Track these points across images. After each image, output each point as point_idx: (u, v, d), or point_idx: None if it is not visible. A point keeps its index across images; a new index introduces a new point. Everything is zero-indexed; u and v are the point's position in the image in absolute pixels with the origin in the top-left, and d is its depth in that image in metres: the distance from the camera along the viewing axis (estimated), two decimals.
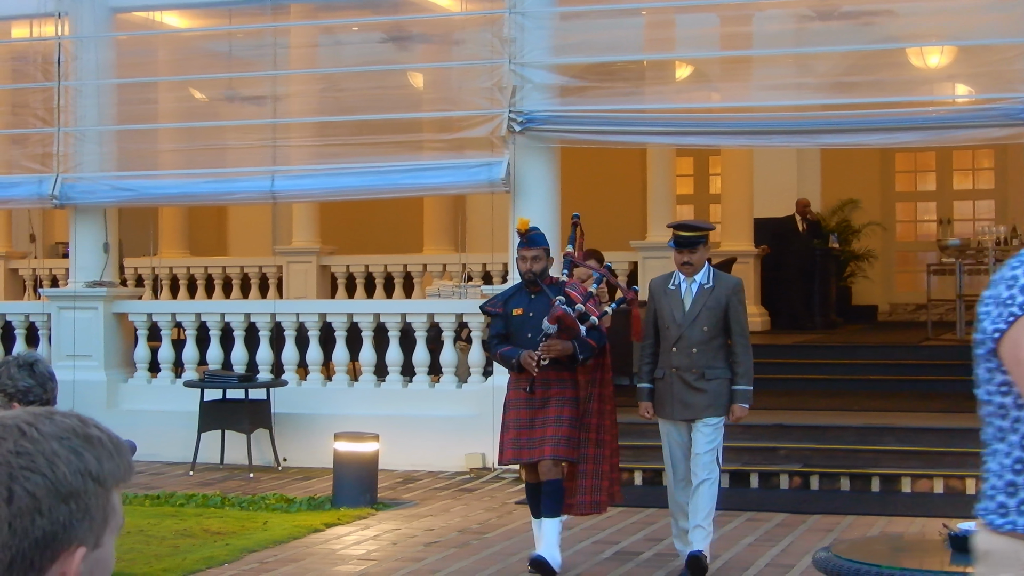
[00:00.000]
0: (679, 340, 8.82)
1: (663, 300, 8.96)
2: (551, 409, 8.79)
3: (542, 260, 8.94)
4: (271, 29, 14.85)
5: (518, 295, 9.12)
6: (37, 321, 15.08)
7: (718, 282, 8.95)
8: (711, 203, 22.73)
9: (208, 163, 14.87)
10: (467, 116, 13.53)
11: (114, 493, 1.74)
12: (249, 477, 13.01)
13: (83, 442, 1.72)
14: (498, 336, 9.08)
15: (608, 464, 8.96)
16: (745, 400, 8.85)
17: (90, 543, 1.71)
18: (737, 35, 14.01)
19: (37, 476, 1.67)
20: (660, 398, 8.92)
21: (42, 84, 14.82)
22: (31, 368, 5.48)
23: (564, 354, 8.68)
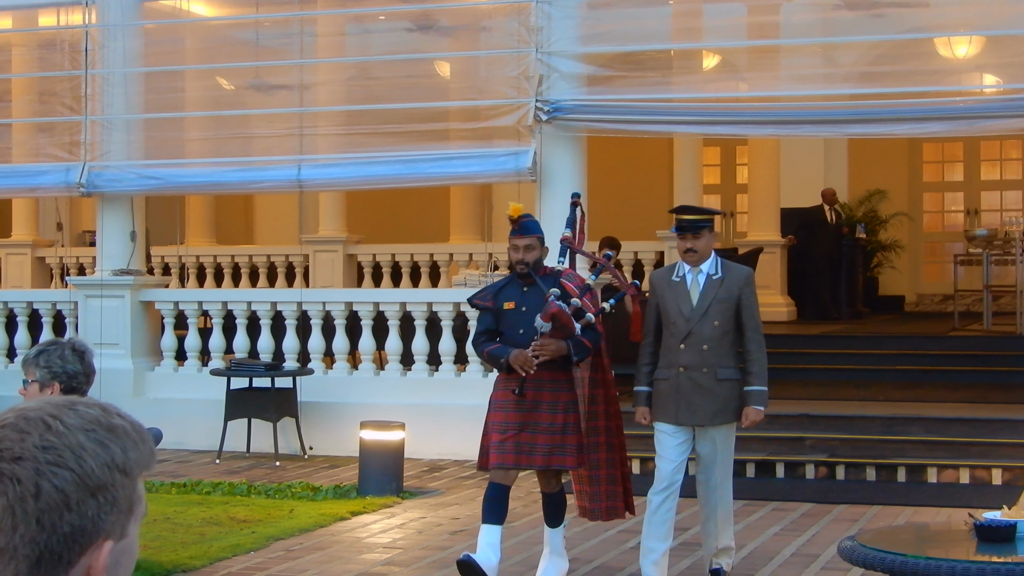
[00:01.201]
0: (688, 336, 8.08)
1: (667, 293, 8.21)
2: (543, 415, 8.14)
3: (535, 249, 8.25)
4: (298, 18, 14.85)
5: (509, 287, 8.36)
6: (64, 309, 15.14)
7: (728, 272, 8.24)
8: (738, 193, 22.70)
9: (235, 152, 14.90)
10: (494, 105, 13.52)
11: (139, 481, 1.74)
12: (275, 465, 13.05)
13: (108, 433, 1.71)
14: (486, 332, 8.35)
15: (620, 471, 8.47)
16: (760, 402, 8.12)
17: (116, 534, 1.70)
18: (765, 25, 13.97)
19: (65, 471, 1.66)
20: (662, 400, 8.20)
21: (69, 72, 14.86)
22: (82, 356, 5.62)
23: (557, 355, 8.02)
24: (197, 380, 14.31)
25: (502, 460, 8.13)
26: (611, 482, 8.41)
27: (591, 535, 9.71)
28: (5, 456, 1.66)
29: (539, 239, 8.28)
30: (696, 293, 8.13)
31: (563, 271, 8.35)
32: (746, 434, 12.45)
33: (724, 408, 8.10)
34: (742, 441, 12.29)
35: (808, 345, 16.28)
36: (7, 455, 1.65)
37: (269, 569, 8.80)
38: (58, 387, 5.53)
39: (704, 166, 19.37)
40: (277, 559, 9.12)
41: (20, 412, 1.70)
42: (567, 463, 8.21)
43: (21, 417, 1.69)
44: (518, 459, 8.14)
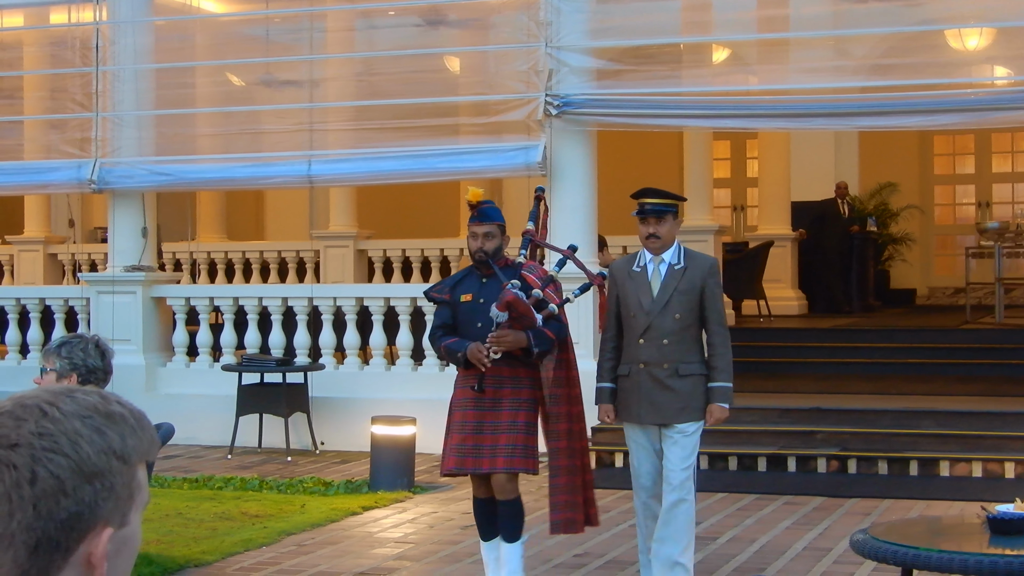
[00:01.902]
0: (647, 330, 7.63)
1: (627, 284, 7.76)
2: (504, 413, 7.60)
3: (495, 238, 7.76)
4: (308, 14, 14.87)
5: (468, 279, 7.90)
6: (76, 305, 15.16)
7: (691, 262, 7.75)
8: (748, 186, 22.70)
9: (245, 147, 14.91)
10: (503, 100, 13.53)
11: (139, 469, 1.73)
12: (287, 460, 13.07)
13: (105, 420, 1.70)
14: (443, 327, 7.82)
15: (582, 478, 7.83)
16: (725, 399, 7.67)
17: (116, 521, 1.70)
18: (774, 18, 13.95)
19: (60, 457, 1.65)
20: (625, 399, 7.76)
21: (80, 69, 14.89)
22: (103, 354, 5.70)
23: (516, 346, 7.48)
24: (209, 376, 14.33)
25: (460, 464, 7.64)
26: (571, 491, 7.78)
27: (604, 528, 9.70)
28: (1, 443, 1.65)
29: (500, 227, 7.81)
30: (657, 284, 7.69)
31: (524, 263, 7.85)
32: (758, 428, 12.54)
33: (688, 405, 7.62)
34: (753, 435, 12.38)
35: (819, 339, 16.28)
36: (3, 442, 1.65)
37: (281, 564, 8.81)
38: (75, 379, 5.56)
39: (714, 160, 19.36)
40: (289, 553, 9.13)
41: (17, 400, 1.70)
42: (530, 466, 7.64)
43: (18, 404, 1.69)
44: (477, 463, 7.60)
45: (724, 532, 9.67)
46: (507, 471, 7.60)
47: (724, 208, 22.82)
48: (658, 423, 7.65)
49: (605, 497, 10.90)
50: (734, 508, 10.55)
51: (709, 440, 12.27)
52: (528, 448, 7.59)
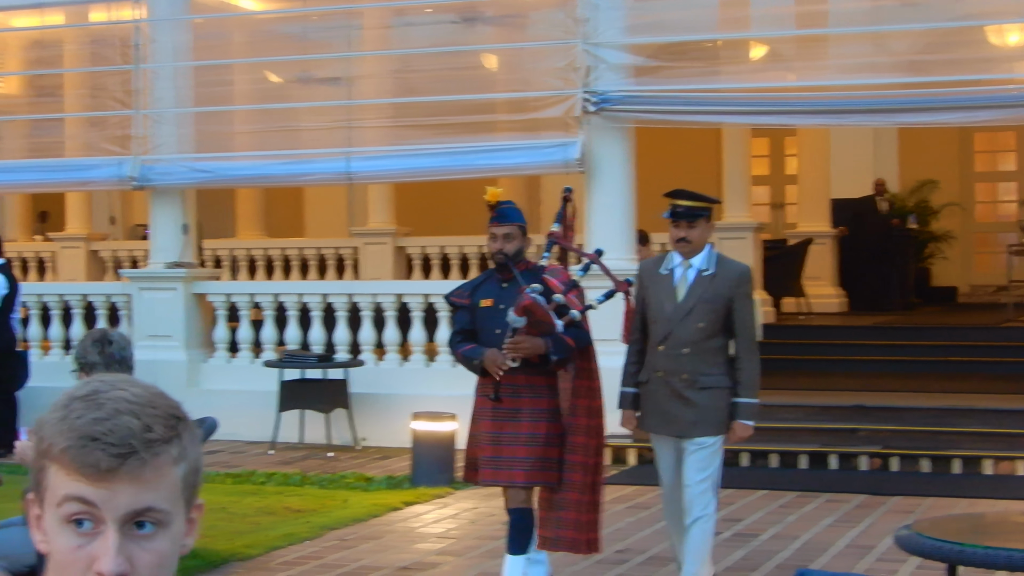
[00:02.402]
0: (667, 338, 7.30)
1: (652, 287, 7.44)
2: (524, 424, 7.33)
3: (515, 239, 7.47)
4: (345, 11, 14.91)
5: (488, 283, 7.63)
6: (118, 302, 15.24)
7: (721, 269, 7.38)
8: (787, 184, 22.63)
9: (284, 145, 14.95)
10: (541, 97, 13.52)
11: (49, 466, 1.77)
12: (328, 456, 13.11)
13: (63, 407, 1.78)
14: (462, 332, 7.57)
15: (591, 498, 7.50)
16: (749, 416, 7.33)
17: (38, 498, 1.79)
18: (812, 14, 13.90)
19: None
20: (643, 407, 7.50)
21: (120, 67, 14.96)
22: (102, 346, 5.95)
23: (533, 353, 7.20)
24: (250, 371, 14.39)
25: (480, 476, 7.51)
26: (580, 509, 7.45)
27: (643, 525, 9.72)
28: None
29: (520, 228, 7.54)
30: (683, 290, 7.32)
31: (547, 266, 7.55)
32: (798, 425, 12.51)
33: (704, 419, 7.27)
34: (794, 433, 12.35)
35: (860, 336, 16.23)
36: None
37: (324, 558, 8.85)
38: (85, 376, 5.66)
39: (753, 157, 19.30)
40: (331, 548, 9.17)
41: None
42: (551, 479, 7.39)
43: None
44: (496, 475, 7.41)
45: (766, 529, 9.66)
46: (526, 485, 7.38)
47: (762, 205, 22.75)
48: (671, 435, 7.37)
49: (646, 493, 10.92)
50: (775, 505, 10.54)
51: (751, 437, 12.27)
52: (548, 460, 7.33)
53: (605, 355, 8.04)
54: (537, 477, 7.35)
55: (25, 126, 16.65)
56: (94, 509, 1.73)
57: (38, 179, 15.85)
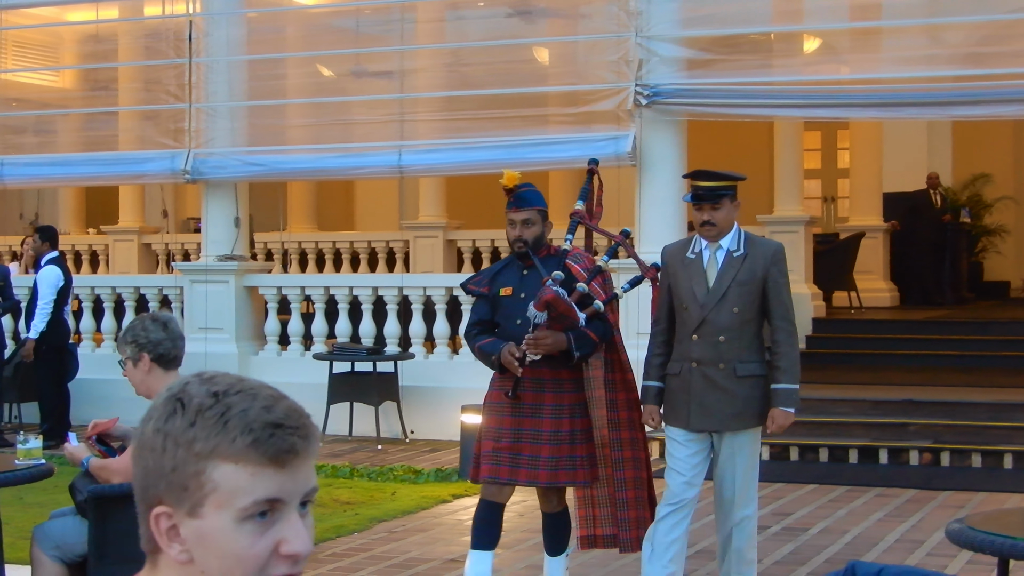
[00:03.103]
0: (702, 325, 6.80)
1: (680, 273, 6.92)
2: (546, 421, 6.87)
3: (536, 224, 6.99)
4: (398, 5, 14.94)
5: (507, 270, 7.15)
6: (170, 294, 15.35)
7: (752, 248, 6.90)
8: (839, 177, 22.51)
9: (336, 138, 15.01)
10: (593, 90, 13.51)
11: (217, 465, 1.72)
12: (377, 449, 13.16)
13: (183, 408, 1.74)
14: (480, 323, 7.09)
15: (648, 492, 7.17)
16: (789, 403, 6.82)
17: (177, 505, 1.73)
18: (867, 6, 13.82)
19: (140, 427, 1.77)
20: (672, 401, 6.94)
21: (174, 61, 15.06)
22: (165, 324, 5.77)
23: (555, 349, 6.76)
24: (300, 364, 14.45)
25: (495, 473, 6.90)
26: (640, 506, 7.12)
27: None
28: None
29: (540, 212, 7.04)
30: (713, 273, 6.85)
31: (570, 251, 7.03)
32: (849, 419, 12.45)
33: (744, 410, 6.82)
34: (845, 427, 12.30)
35: (912, 331, 16.12)
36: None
37: (372, 550, 8.88)
38: (147, 358, 5.64)
39: (805, 150, 19.21)
40: (380, 540, 9.20)
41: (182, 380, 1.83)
42: (578, 478, 6.96)
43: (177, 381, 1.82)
44: (514, 473, 6.89)
45: (815, 523, 9.62)
46: (550, 486, 6.96)
47: (814, 199, 22.64)
48: (710, 429, 6.85)
49: None
50: (825, 500, 10.50)
51: (800, 431, 12.23)
52: (574, 459, 6.88)
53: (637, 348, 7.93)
54: (563, 477, 6.91)
55: (80, 120, 16.81)
56: (282, 495, 1.73)
57: (92, 172, 15.95)
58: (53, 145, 16.67)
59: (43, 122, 17.10)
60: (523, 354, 6.70)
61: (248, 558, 1.71)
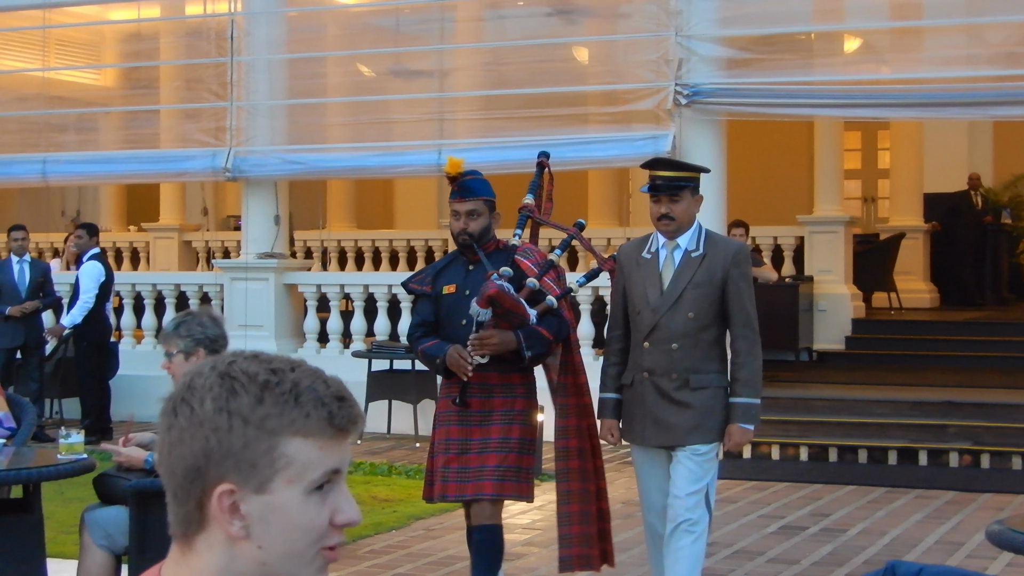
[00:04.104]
0: (654, 331, 6.21)
1: (634, 274, 6.33)
2: (494, 428, 6.30)
3: (482, 216, 6.44)
4: (438, 4, 14.97)
5: (452, 267, 6.59)
6: (211, 291, 15.42)
7: (712, 248, 6.27)
8: (879, 178, 22.42)
9: (376, 137, 15.06)
10: (633, 89, 13.51)
11: (287, 440, 1.74)
12: (415, 447, 13.18)
13: (250, 383, 1.74)
14: (424, 324, 6.51)
15: (596, 506, 6.50)
16: (748, 418, 6.22)
17: (244, 483, 1.73)
18: (907, 5, 13.77)
19: (187, 408, 1.74)
20: (627, 414, 6.37)
21: (215, 59, 15.13)
22: (217, 321, 5.89)
23: (503, 350, 6.19)
24: (339, 362, 14.49)
25: (443, 491, 6.36)
26: (584, 521, 6.44)
27: (729, 519, 9.69)
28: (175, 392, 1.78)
29: (487, 203, 6.50)
30: (669, 275, 6.25)
31: (519, 246, 6.53)
32: (888, 420, 12.40)
33: (701, 424, 6.19)
34: (884, 428, 12.25)
35: (951, 332, 16.06)
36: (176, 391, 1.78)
37: (410, 547, 8.91)
38: (203, 352, 5.68)
39: (845, 151, 19.14)
40: (418, 538, 9.23)
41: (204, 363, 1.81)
42: (523, 492, 6.39)
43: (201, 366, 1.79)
44: (462, 488, 6.31)
45: (854, 524, 9.60)
46: (496, 497, 6.30)
47: (854, 199, 22.56)
48: (665, 445, 6.24)
49: (733, 487, 10.89)
50: (864, 501, 10.47)
51: (839, 432, 12.24)
52: (522, 471, 6.32)
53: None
54: (509, 490, 6.29)
55: (121, 118, 16.92)
56: (341, 465, 1.78)
57: (133, 170, 16.05)
58: (95, 143, 16.78)
59: (85, 120, 17.23)
60: (471, 356, 6.17)
61: (313, 529, 1.75)
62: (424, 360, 6.51)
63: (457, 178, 6.51)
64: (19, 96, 16.88)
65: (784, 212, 17.90)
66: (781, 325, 15.15)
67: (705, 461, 6.20)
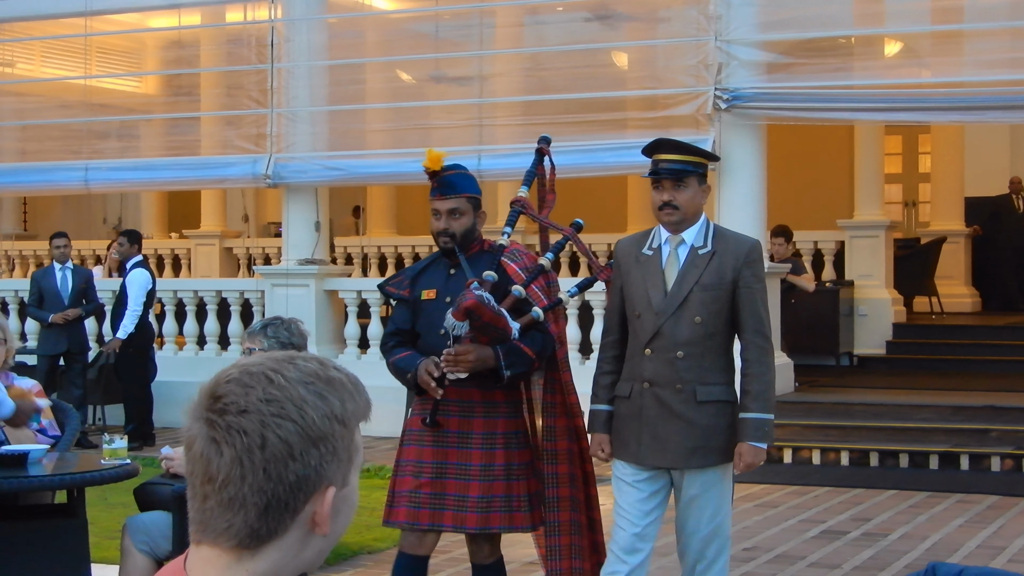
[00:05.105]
0: (656, 338, 5.53)
1: (634, 272, 5.67)
2: (475, 453, 5.66)
3: (465, 215, 5.77)
4: (477, 10, 15.00)
5: (432, 270, 5.93)
6: (251, 298, 15.48)
7: (721, 245, 5.58)
8: (920, 182, 22.31)
9: (415, 143, 15.05)
10: (672, 94, 13.50)
11: (356, 431, 1.82)
12: None
13: (326, 385, 1.78)
14: (398, 333, 5.83)
15: (590, 539, 5.93)
16: (760, 436, 5.48)
17: (338, 482, 1.78)
18: (949, 9, 13.71)
19: (288, 423, 1.73)
20: (621, 428, 5.65)
21: (256, 66, 15.20)
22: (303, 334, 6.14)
23: (481, 367, 5.53)
24: (380, 367, 14.34)
25: (414, 518, 5.70)
26: (575, 556, 5.86)
27: (771, 523, 9.67)
28: (231, 409, 1.74)
29: (471, 200, 5.82)
30: (673, 274, 5.58)
31: (507, 247, 5.85)
32: (929, 425, 12.35)
33: (707, 443, 5.51)
34: (925, 432, 12.19)
35: (994, 336, 15.98)
36: (233, 408, 1.74)
37: (451, 552, 8.91)
38: None
39: (886, 155, 19.07)
40: (459, 543, 9.19)
41: (243, 367, 1.79)
42: (516, 523, 5.73)
43: (244, 372, 1.78)
44: (437, 517, 5.67)
45: (895, 529, 9.56)
46: (481, 531, 5.70)
47: (895, 204, 22.46)
48: (664, 466, 5.56)
49: (774, 491, 10.87)
50: (905, 505, 10.42)
51: (881, 437, 12.19)
52: (511, 499, 5.68)
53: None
54: (496, 522, 5.67)
55: (162, 125, 17.02)
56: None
57: (175, 177, 16.14)
58: (136, 150, 16.89)
59: (126, 127, 17.34)
60: (442, 373, 5.51)
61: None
62: (395, 374, 5.80)
63: (438, 173, 5.82)
64: (62, 104, 17.02)
65: (825, 217, 17.84)
66: (822, 330, 15.13)
67: (719, 490, 5.56)
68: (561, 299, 5.90)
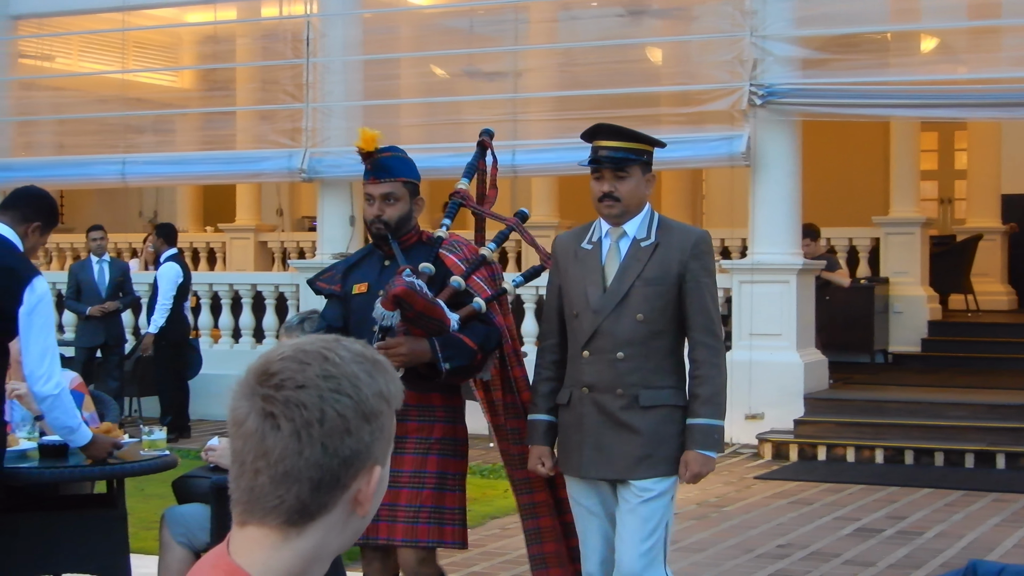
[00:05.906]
0: (594, 338, 5.10)
1: (572, 269, 5.23)
2: (407, 458, 5.17)
3: (401, 201, 5.31)
4: (512, 5, 15.01)
5: (365, 263, 5.50)
6: (286, 292, 15.54)
7: (666, 236, 5.13)
8: (956, 179, 22.23)
9: (449, 138, 15.10)
10: (707, 90, 13.48)
11: (392, 411, 1.85)
12: (490, 447, 13.21)
13: (373, 366, 1.82)
14: (328, 330, 5.10)
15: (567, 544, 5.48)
16: (709, 444, 5.06)
17: (383, 460, 1.83)
18: (985, 5, 13.67)
19: (344, 398, 1.77)
20: (563, 439, 5.26)
21: (291, 61, 15.26)
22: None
23: (416, 361, 5.07)
24: None
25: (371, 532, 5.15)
26: (563, 563, 5.48)
27: (804, 520, 9.66)
28: (288, 385, 1.76)
29: (408, 186, 5.36)
30: (613, 269, 5.14)
31: (446, 238, 5.46)
32: (965, 423, 12.31)
33: (653, 453, 5.05)
34: (961, 431, 12.15)
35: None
36: (290, 384, 1.76)
37: (485, 546, 8.94)
38: None
39: (921, 151, 19.01)
40: (492, 537, 9.26)
41: (296, 346, 1.82)
42: (445, 537, 5.25)
43: (299, 350, 1.81)
44: (371, 528, 5.02)
45: (930, 527, 9.54)
46: (408, 544, 5.21)
47: (931, 201, 22.38)
48: (608, 478, 5.13)
49: (808, 489, 10.86)
50: (941, 504, 10.39)
51: (915, 435, 12.15)
52: (441, 511, 5.22)
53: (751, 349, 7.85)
54: (423, 535, 5.19)
55: (198, 119, 17.09)
56: None
57: (210, 171, 16.21)
58: (172, 144, 16.98)
59: (162, 122, 17.42)
60: None
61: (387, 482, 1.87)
62: None
63: (372, 155, 5.29)
64: (99, 98, 17.11)
65: (859, 213, 17.79)
66: (856, 327, 15.09)
67: (660, 504, 5.07)
68: (505, 288, 5.48)
